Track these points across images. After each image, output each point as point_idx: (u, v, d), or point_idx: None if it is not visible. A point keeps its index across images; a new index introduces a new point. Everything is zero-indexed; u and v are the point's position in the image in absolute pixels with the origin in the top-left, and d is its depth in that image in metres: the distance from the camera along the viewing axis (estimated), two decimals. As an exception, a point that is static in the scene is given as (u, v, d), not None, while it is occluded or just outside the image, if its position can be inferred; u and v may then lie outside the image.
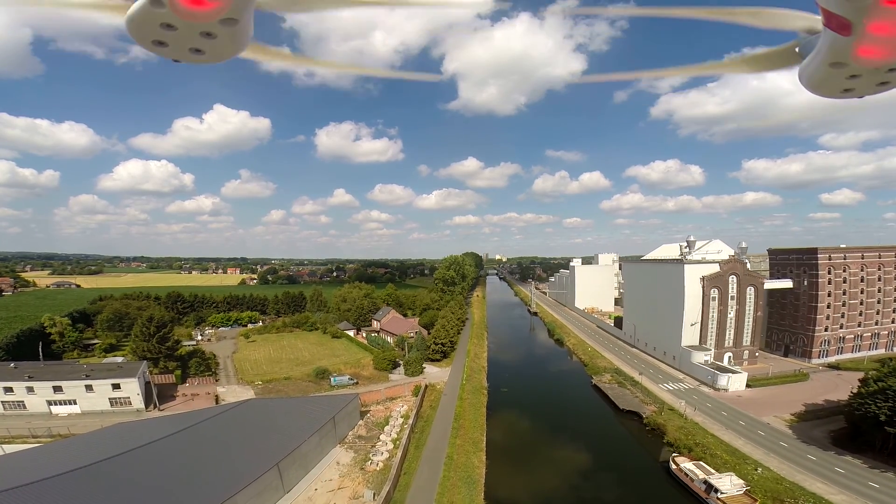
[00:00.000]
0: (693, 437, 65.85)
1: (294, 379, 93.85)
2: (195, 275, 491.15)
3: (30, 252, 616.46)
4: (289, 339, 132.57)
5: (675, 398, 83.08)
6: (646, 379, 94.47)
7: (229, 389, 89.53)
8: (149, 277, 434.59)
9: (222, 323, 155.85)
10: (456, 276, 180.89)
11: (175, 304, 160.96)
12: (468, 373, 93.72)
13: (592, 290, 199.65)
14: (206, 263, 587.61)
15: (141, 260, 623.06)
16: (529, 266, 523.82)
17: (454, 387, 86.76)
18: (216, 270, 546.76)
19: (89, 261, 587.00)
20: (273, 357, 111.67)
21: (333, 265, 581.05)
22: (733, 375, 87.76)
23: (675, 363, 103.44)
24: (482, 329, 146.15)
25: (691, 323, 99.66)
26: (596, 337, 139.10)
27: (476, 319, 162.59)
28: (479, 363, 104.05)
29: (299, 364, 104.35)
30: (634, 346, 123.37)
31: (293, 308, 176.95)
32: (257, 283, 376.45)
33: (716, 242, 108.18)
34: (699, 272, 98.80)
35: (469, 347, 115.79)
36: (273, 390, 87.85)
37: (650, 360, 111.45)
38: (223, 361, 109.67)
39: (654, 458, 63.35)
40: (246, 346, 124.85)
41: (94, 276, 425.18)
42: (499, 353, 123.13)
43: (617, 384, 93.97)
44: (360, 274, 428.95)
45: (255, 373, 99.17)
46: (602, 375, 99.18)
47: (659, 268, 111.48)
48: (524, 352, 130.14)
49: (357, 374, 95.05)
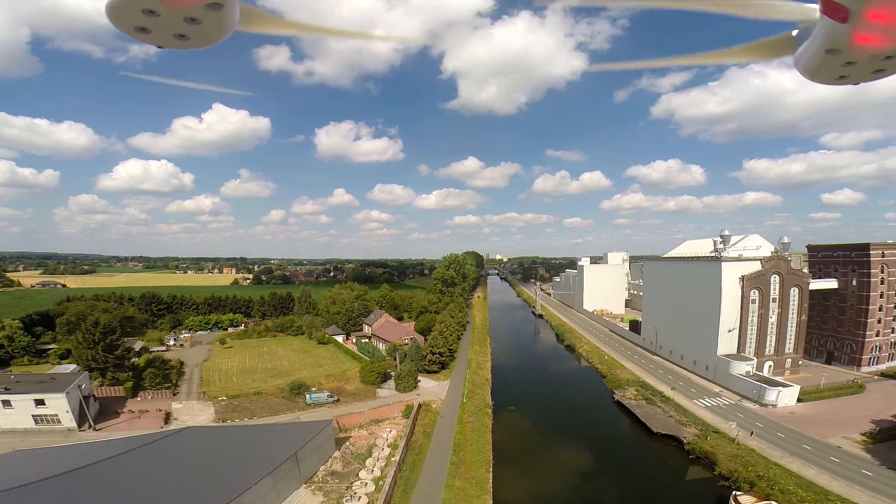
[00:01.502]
0: (753, 467, 53.58)
1: (265, 394, 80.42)
2: (190, 275, 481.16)
3: (29, 252, 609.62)
4: (270, 345, 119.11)
5: (719, 417, 70.53)
6: (677, 393, 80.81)
7: (186, 406, 76.23)
8: (142, 277, 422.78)
9: (200, 326, 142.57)
10: (456, 276, 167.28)
11: (149, 306, 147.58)
12: (469, 388, 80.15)
13: (602, 291, 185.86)
14: (203, 263, 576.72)
15: (141, 260, 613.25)
16: (531, 266, 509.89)
17: (453, 406, 73.20)
18: (212, 270, 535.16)
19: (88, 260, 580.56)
20: (247, 366, 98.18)
21: (331, 265, 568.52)
22: (783, 389, 74.68)
23: (708, 374, 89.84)
24: (484, 334, 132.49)
25: (728, 329, 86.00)
26: (610, 343, 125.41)
27: (478, 323, 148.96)
28: (481, 375, 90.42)
29: (275, 375, 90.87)
30: (656, 354, 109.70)
31: (280, 310, 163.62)
32: (251, 283, 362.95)
33: (754, 237, 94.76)
34: (738, 271, 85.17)
35: (470, 356, 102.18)
36: (237, 408, 74.41)
37: (676, 370, 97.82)
38: (190, 371, 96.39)
39: (710, 499, 50.01)
40: (220, 352, 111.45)
41: (86, 276, 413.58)
42: (504, 362, 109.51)
43: (644, 400, 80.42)
44: (358, 274, 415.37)
45: (221, 386, 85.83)
46: (625, 389, 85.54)
47: (689, 267, 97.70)
48: (532, 360, 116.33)
49: (340, 390, 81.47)
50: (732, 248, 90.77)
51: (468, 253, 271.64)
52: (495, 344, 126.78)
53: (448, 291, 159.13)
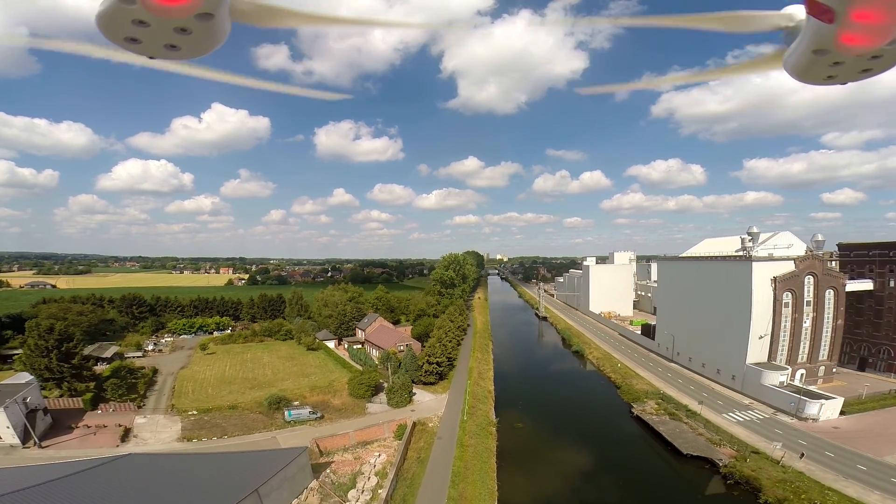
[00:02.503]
0: (806, 494, 46.59)
1: (241, 409, 71.82)
2: (186, 275, 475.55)
3: (29, 252, 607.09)
4: (255, 351, 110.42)
5: (755, 434, 63.11)
6: (704, 407, 72.21)
7: (150, 421, 67.88)
8: (137, 278, 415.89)
9: (184, 330, 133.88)
10: (456, 277, 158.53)
11: (130, 309, 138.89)
12: (471, 402, 71.44)
13: (609, 293, 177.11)
14: (200, 263, 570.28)
15: (141, 260, 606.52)
16: (532, 266, 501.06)
17: (452, 424, 64.52)
18: (208, 270, 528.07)
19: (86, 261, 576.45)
20: (227, 376, 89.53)
21: (329, 265, 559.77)
22: (826, 401, 66.26)
23: (735, 384, 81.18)
24: (486, 339, 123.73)
25: (760, 335, 77.29)
26: (621, 348, 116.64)
27: (479, 326, 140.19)
28: (483, 386, 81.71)
29: (255, 386, 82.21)
30: (673, 361, 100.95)
31: (270, 313, 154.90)
32: (245, 283, 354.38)
33: (784, 235, 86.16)
34: (769, 272, 76.48)
35: (471, 364, 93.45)
36: (207, 425, 65.89)
37: (698, 379, 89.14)
38: (163, 380, 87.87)
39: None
40: (201, 359, 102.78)
41: (79, 277, 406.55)
42: (507, 371, 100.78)
43: (668, 415, 71.84)
44: (356, 274, 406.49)
45: (194, 398, 77.32)
46: (644, 403, 76.85)
47: (713, 267, 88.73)
48: (538, 368, 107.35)
49: (325, 404, 72.84)
50: (762, 247, 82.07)
51: (468, 253, 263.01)
52: (498, 349, 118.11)
53: (447, 293, 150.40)
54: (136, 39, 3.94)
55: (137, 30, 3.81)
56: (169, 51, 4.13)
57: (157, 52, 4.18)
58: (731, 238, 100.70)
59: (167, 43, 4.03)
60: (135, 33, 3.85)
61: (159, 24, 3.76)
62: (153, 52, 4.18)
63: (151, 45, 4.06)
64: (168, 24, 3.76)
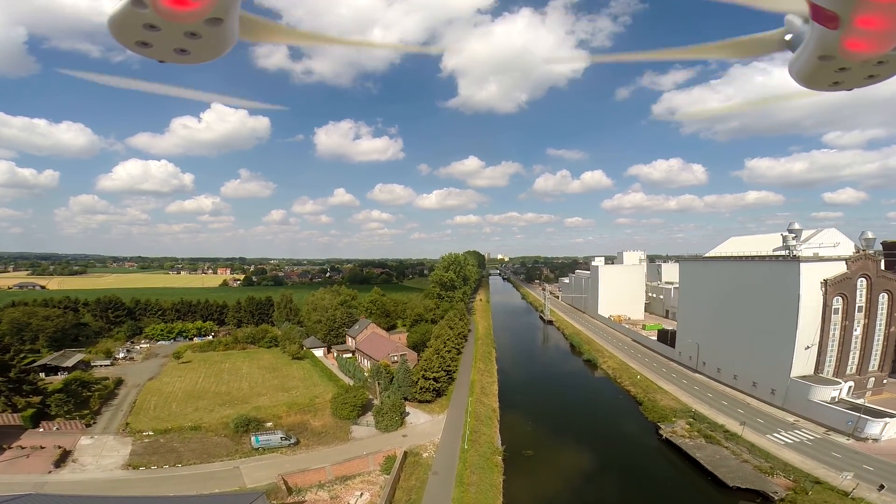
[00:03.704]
0: None
1: (205, 430, 62.00)
2: (183, 275, 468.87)
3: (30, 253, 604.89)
4: (235, 360, 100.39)
5: (810, 459, 54.01)
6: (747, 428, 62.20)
7: (97, 442, 58.54)
8: (132, 278, 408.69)
9: (162, 335, 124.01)
10: (456, 279, 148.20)
11: (105, 313, 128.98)
12: (472, 425, 61.23)
13: (618, 295, 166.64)
14: (198, 264, 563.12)
15: (141, 260, 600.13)
16: (535, 266, 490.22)
17: (450, 453, 54.37)
18: (205, 271, 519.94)
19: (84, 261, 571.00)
20: (197, 389, 79.59)
21: (328, 265, 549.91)
22: (890, 420, 56.52)
23: (775, 400, 71.06)
24: (489, 346, 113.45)
25: (806, 345, 67.03)
26: (637, 356, 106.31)
27: (480, 332, 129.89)
28: (487, 404, 71.50)
29: (227, 403, 72.28)
30: (698, 372, 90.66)
31: (258, 317, 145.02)
32: (240, 284, 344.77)
33: (829, 232, 75.93)
34: (819, 274, 66.25)
35: (473, 376, 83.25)
36: (162, 449, 56.33)
37: (729, 392, 79.02)
38: (125, 393, 78.23)
39: None
40: (173, 369, 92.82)
41: (73, 278, 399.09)
42: (513, 384, 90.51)
43: (703, 438, 61.99)
44: (355, 275, 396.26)
45: (155, 415, 67.69)
46: (673, 423, 66.70)
47: (749, 268, 78.18)
48: (546, 380, 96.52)
49: (303, 426, 62.81)
50: (807, 246, 71.88)
51: (469, 252, 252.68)
52: (502, 358, 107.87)
53: (447, 296, 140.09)
54: (147, 43, 3.95)
55: (148, 34, 3.81)
56: (178, 55, 4.15)
57: (166, 57, 4.18)
58: (761, 236, 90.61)
59: (177, 47, 4.03)
60: (146, 37, 3.86)
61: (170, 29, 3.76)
62: (163, 57, 4.18)
63: (162, 50, 4.06)
64: (178, 28, 3.76)
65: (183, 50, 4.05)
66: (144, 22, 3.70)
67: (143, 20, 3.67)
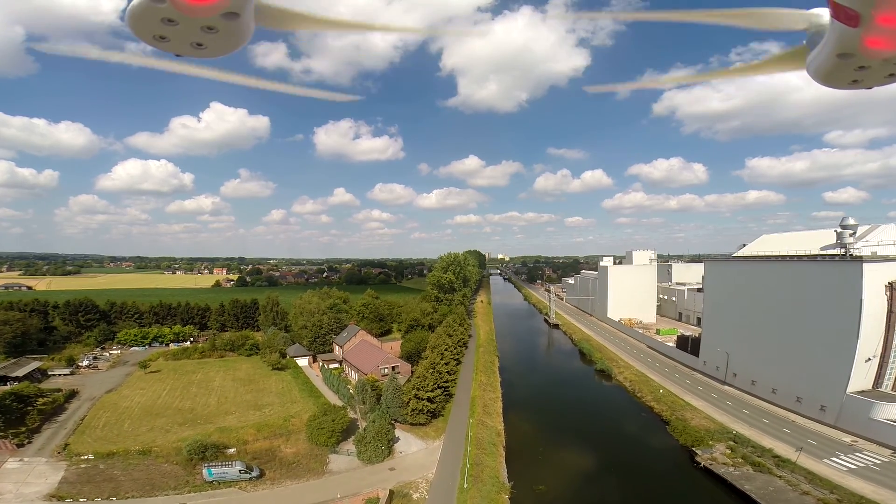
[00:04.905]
0: None
1: (155, 455, 52.40)
2: (179, 276, 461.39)
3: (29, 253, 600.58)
4: (210, 369, 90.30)
5: (884, 488, 44.91)
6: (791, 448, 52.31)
7: (25, 466, 49.61)
8: (125, 278, 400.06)
9: (135, 341, 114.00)
10: (456, 281, 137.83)
11: (75, 316, 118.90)
12: (473, 455, 50.97)
13: (629, 297, 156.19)
14: (196, 264, 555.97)
15: (142, 260, 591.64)
16: (536, 265, 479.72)
17: (447, 494, 44.14)
18: (201, 271, 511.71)
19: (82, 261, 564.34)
20: (158, 404, 69.57)
21: (326, 265, 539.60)
22: None
23: (825, 417, 61.03)
24: (491, 354, 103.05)
25: (867, 357, 56.85)
26: (655, 366, 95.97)
27: (482, 338, 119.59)
28: (490, 426, 61.19)
29: (188, 422, 62.33)
30: (727, 384, 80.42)
31: (243, 321, 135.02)
32: (234, 285, 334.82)
33: (887, 228, 65.72)
34: (883, 276, 56.08)
35: (474, 391, 72.98)
36: (99, 477, 47.32)
37: (767, 408, 69.09)
38: (76, 408, 68.88)
39: None
40: (138, 380, 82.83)
41: (67, 278, 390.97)
42: (519, 398, 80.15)
43: (749, 464, 52.26)
44: (352, 275, 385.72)
45: (102, 434, 58.44)
46: (711, 447, 56.70)
47: (797, 269, 67.67)
48: (557, 395, 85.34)
49: (273, 453, 52.76)
50: (863, 244, 61.74)
51: (470, 252, 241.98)
52: (505, 368, 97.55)
53: (446, 299, 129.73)
54: (165, 37, 3.97)
55: (166, 28, 3.83)
56: (195, 49, 4.18)
57: (183, 51, 4.21)
58: (797, 233, 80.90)
59: (194, 41, 4.05)
60: (163, 31, 3.87)
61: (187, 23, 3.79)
62: (180, 51, 4.21)
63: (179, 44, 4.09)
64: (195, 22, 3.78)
65: (199, 44, 4.07)
66: (163, 16, 3.68)
67: (162, 14, 3.66)
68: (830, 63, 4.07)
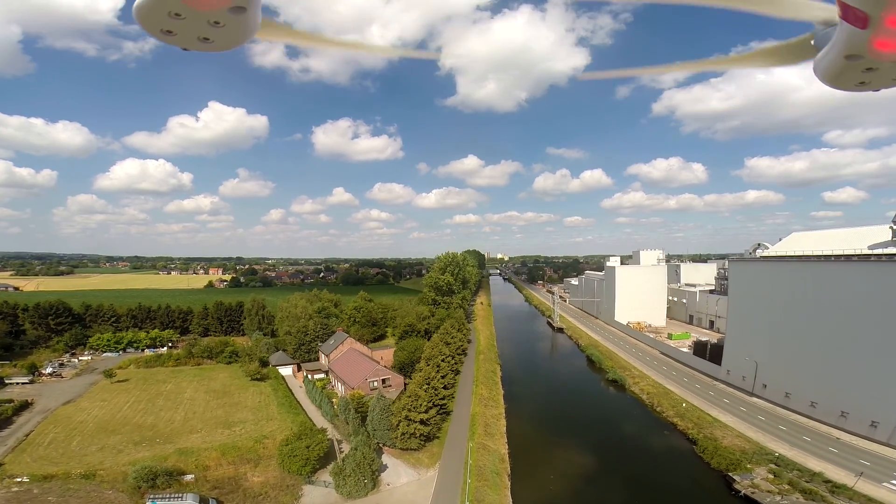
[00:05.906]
0: None
1: (99, 479, 44.79)
2: (173, 276, 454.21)
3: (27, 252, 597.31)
4: (182, 379, 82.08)
5: None
6: (846, 472, 44.21)
7: None
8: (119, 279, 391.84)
9: (108, 346, 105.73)
10: (454, 282, 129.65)
11: (45, 320, 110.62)
12: (474, 489, 42.76)
13: (637, 299, 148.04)
14: (192, 264, 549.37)
15: (139, 260, 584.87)
16: (536, 265, 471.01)
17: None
18: (196, 271, 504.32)
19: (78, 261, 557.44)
20: (116, 419, 61.39)
21: (324, 265, 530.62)
22: None
23: (878, 434, 53.65)
24: (493, 363, 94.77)
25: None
26: (673, 375, 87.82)
27: (482, 344, 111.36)
28: (493, 450, 52.96)
29: (146, 441, 54.22)
30: (756, 395, 72.42)
31: (227, 325, 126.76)
32: (227, 285, 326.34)
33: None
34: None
35: (474, 408, 64.69)
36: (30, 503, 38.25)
37: (806, 423, 61.44)
38: (26, 421, 61.19)
39: None
40: (101, 390, 74.73)
41: (59, 278, 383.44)
42: (524, 414, 71.78)
43: (798, 492, 44.40)
44: (349, 275, 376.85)
45: (45, 453, 50.90)
46: (750, 471, 48.71)
47: (840, 270, 59.60)
48: (567, 410, 76.02)
49: (237, 482, 44.64)
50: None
51: (469, 252, 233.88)
52: (508, 378, 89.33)
53: (444, 302, 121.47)
54: (171, 32, 3.98)
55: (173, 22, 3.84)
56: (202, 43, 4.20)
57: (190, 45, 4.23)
58: (836, 231, 72.97)
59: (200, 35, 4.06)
60: (170, 25, 3.88)
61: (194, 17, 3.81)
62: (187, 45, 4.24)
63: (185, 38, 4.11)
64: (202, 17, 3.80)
65: (206, 38, 4.07)
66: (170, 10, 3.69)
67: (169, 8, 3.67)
68: (838, 65, 3.92)
